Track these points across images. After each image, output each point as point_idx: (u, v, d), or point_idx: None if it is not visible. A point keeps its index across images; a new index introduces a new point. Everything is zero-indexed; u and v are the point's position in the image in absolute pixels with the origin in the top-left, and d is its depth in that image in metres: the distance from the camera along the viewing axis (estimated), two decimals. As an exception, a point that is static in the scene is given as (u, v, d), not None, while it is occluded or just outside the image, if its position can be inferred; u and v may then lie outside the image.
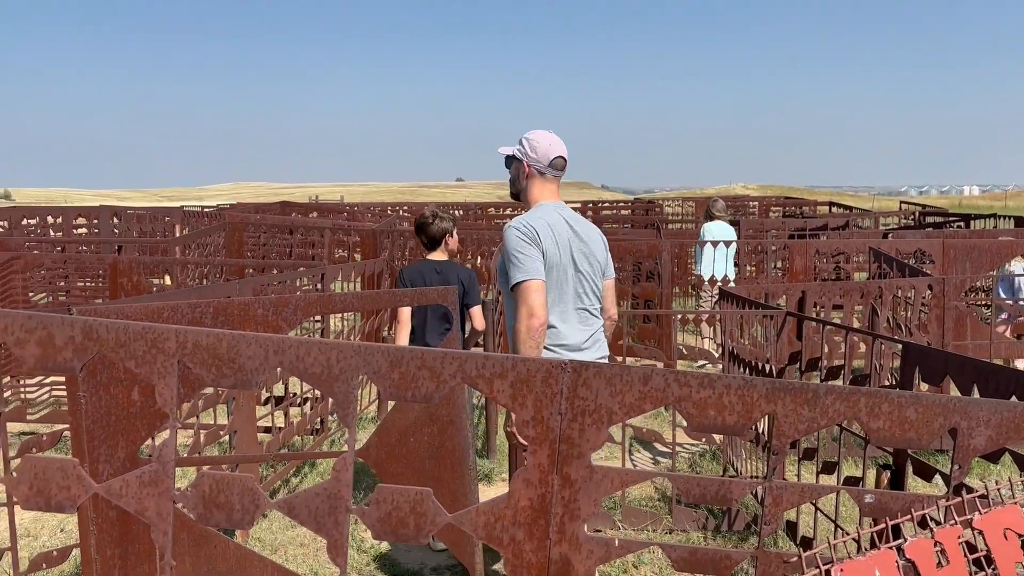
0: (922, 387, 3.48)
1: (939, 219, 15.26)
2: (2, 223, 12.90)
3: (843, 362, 4.24)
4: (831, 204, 20.94)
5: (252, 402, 4.19)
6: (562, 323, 3.36)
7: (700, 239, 9.04)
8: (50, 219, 13.52)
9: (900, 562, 1.61)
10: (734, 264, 9.06)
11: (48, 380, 6.21)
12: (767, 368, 4.75)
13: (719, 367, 6.30)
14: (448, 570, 4.12)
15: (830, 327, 4.56)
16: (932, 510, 1.77)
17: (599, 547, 1.84)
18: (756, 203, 23.72)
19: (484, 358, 1.82)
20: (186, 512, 2.55)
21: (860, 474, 3.61)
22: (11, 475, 1.85)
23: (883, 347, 4.70)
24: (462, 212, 22.90)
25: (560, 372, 1.80)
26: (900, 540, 1.63)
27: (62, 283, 7.11)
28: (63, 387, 6.15)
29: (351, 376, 1.81)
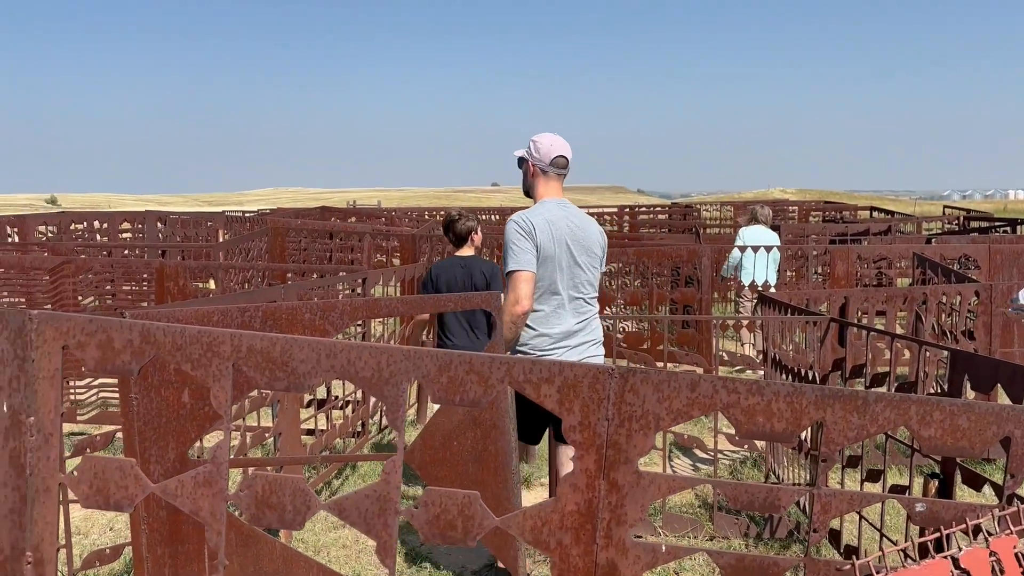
0: (970, 395, 3.43)
1: (984, 224, 14.99)
2: (51, 228, 13.19)
3: (887, 369, 4.19)
4: (872, 209, 20.65)
5: (297, 405, 4.25)
6: (554, 309, 3.72)
7: (738, 244, 8.95)
8: (97, 224, 13.80)
9: (954, 572, 1.59)
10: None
11: (96, 382, 6.33)
12: (810, 375, 4.71)
13: (759, 373, 6.25)
14: (488, 572, 4.14)
15: (874, 334, 4.51)
16: (985, 520, 1.75)
17: (646, 553, 1.85)
18: (795, 208, 23.47)
19: (532, 363, 1.84)
20: (235, 512, 2.60)
21: (905, 483, 3.57)
22: (70, 474, 1.90)
23: (929, 354, 4.64)
24: (498, 216, 22.91)
25: (607, 378, 1.81)
26: (954, 550, 1.62)
27: (108, 287, 7.24)
28: (111, 388, 6.27)
29: (401, 380, 1.83)
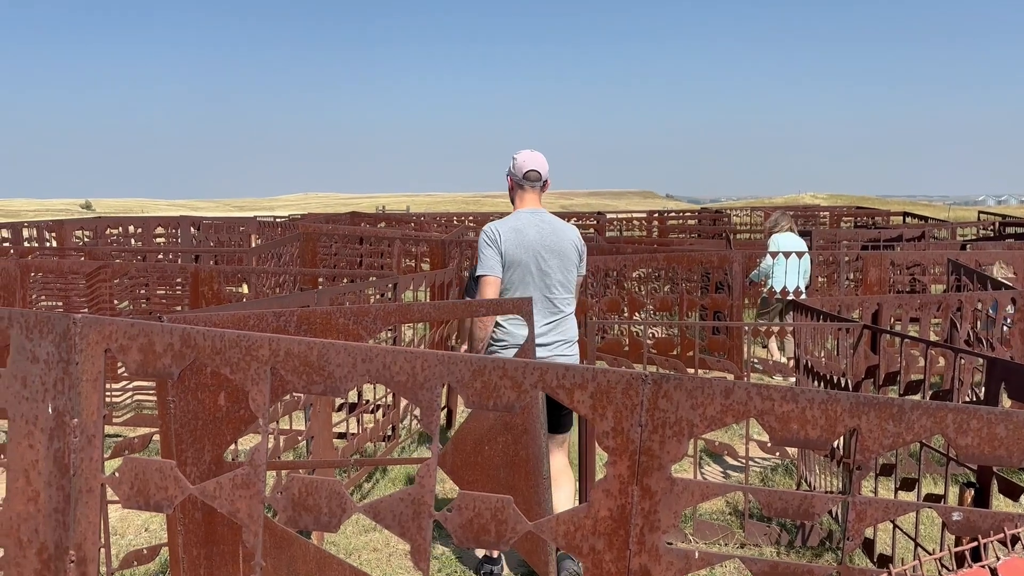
0: (1006, 403, 3.39)
1: (1020, 230, 14.78)
2: (88, 233, 13.41)
3: (920, 377, 4.15)
4: (905, 214, 20.43)
5: (329, 409, 4.29)
6: None
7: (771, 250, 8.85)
8: (132, 229, 14.01)
9: (992, 581, 1.58)
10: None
11: (131, 384, 6.43)
12: (843, 382, 4.67)
13: (790, 380, 6.21)
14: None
15: (907, 341, 4.47)
16: (1023, 529, 1.73)
17: (679, 559, 1.85)
18: (826, 213, 23.27)
19: (565, 368, 1.85)
20: (270, 514, 2.63)
21: (939, 491, 3.53)
22: (112, 475, 1.94)
23: (964, 362, 4.58)
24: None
25: (640, 384, 1.82)
26: (991, 559, 1.61)
27: (142, 291, 7.35)
28: (145, 391, 6.37)
29: (435, 384, 1.85)
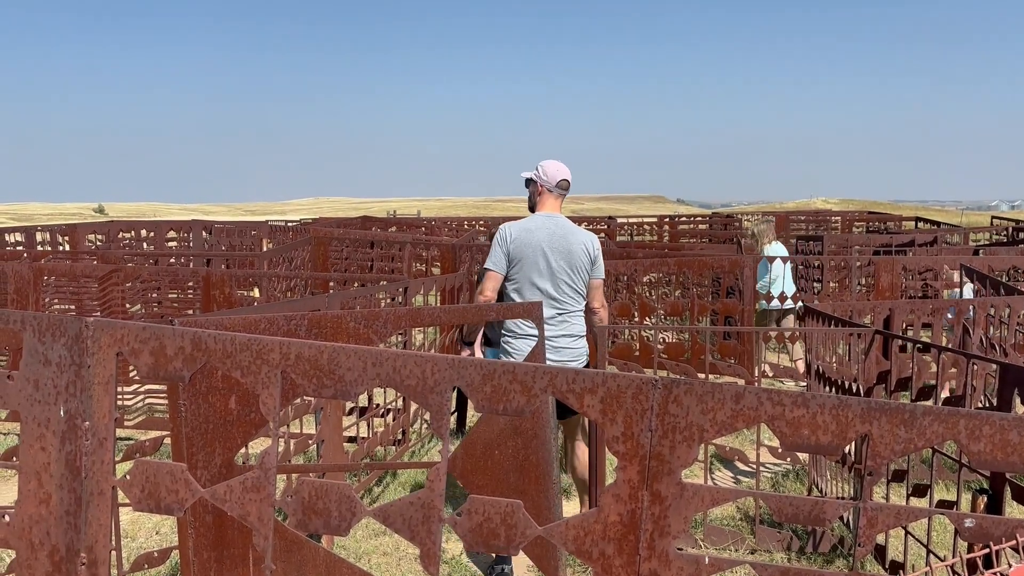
0: (1020, 410, 3.37)
1: (1034, 235, 14.69)
2: (100, 237, 13.48)
3: (932, 382, 4.13)
4: (917, 219, 20.32)
5: (339, 412, 4.30)
6: (530, 299, 4.29)
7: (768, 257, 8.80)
8: (144, 233, 14.08)
9: (1004, 588, 1.57)
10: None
11: (143, 388, 6.45)
12: (854, 387, 4.65)
13: (801, 385, 6.18)
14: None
15: (919, 346, 4.44)
16: (1036, 537, 1.72)
17: (689, 564, 1.84)
18: (838, 218, 23.17)
19: (575, 373, 1.84)
20: (279, 518, 2.64)
21: (952, 498, 3.51)
22: (123, 478, 1.95)
23: (976, 368, 4.55)
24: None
25: (651, 389, 1.81)
26: (1003, 567, 1.60)
27: (154, 294, 7.39)
28: (157, 395, 6.39)
29: (445, 388, 1.85)
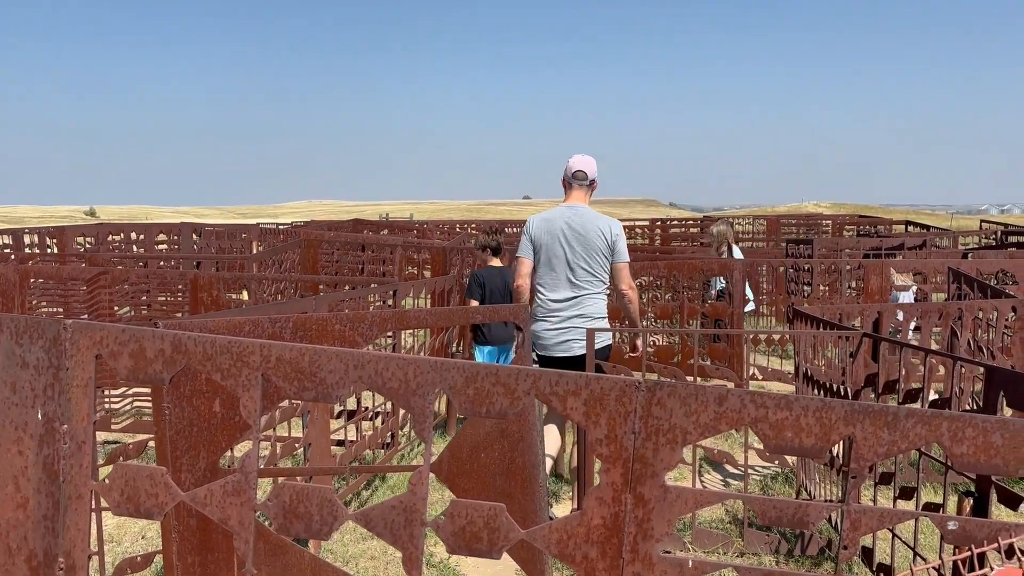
0: (1006, 412, 3.37)
1: (1022, 238, 14.76)
2: (89, 239, 13.42)
3: (920, 385, 4.13)
4: (907, 223, 20.40)
5: (326, 415, 4.28)
6: (549, 283, 4.87)
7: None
8: (133, 235, 14.02)
9: (986, 591, 1.57)
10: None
11: (131, 391, 6.42)
12: (842, 390, 4.66)
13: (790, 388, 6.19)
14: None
15: (907, 349, 4.45)
16: (1020, 539, 1.72)
17: (673, 568, 1.83)
18: (829, 221, 23.26)
19: (558, 375, 1.83)
20: (264, 522, 2.62)
21: (939, 500, 3.51)
22: (102, 482, 1.93)
23: (964, 370, 4.56)
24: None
25: (634, 391, 1.80)
26: (986, 569, 1.59)
27: (144, 297, 7.35)
28: (145, 398, 6.36)
29: (428, 391, 1.84)
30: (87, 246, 13.25)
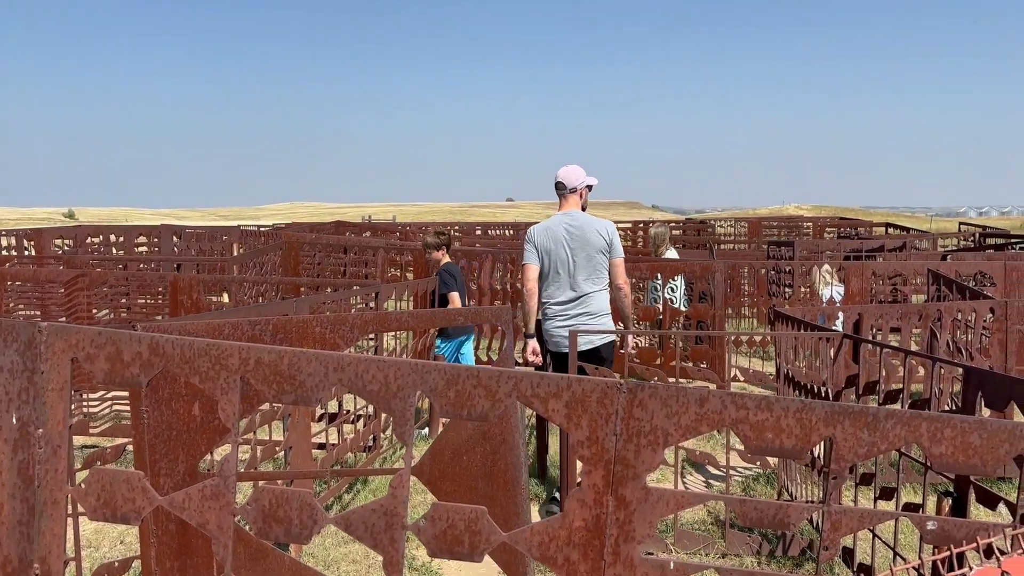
0: (984, 412, 3.40)
1: (1000, 241, 14.90)
2: (67, 241, 13.29)
3: (901, 386, 4.16)
4: (887, 225, 20.56)
5: (308, 419, 4.25)
6: (554, 286, 5.26)
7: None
8: (113, 237, 13.90)
9: (965, 591, 1.57)
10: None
11: (110, 395, 6.36)
12: (823, 391, 4.68)
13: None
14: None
15: (888, 350, 4.48)
16: (998, 539, 1.73)
17: (654, 569, 1.83)
18: (810, 224, 23.40)
19: (540, 377, 1.83)
20: (244, 526, 2.60)
21: (919, 501, 3.53)
22: (78, 487, 1.91)
23: (943, 371, 4.60)
24: (512, 231, 22.95)
25: (615, 393, 1.80)
26: (965, 569, 1.60)
27: (123, 300, 7.28)
28: (124, 402, 6.30)
29: (408, 393, 1.83)
30: (65, 248, 13.12)
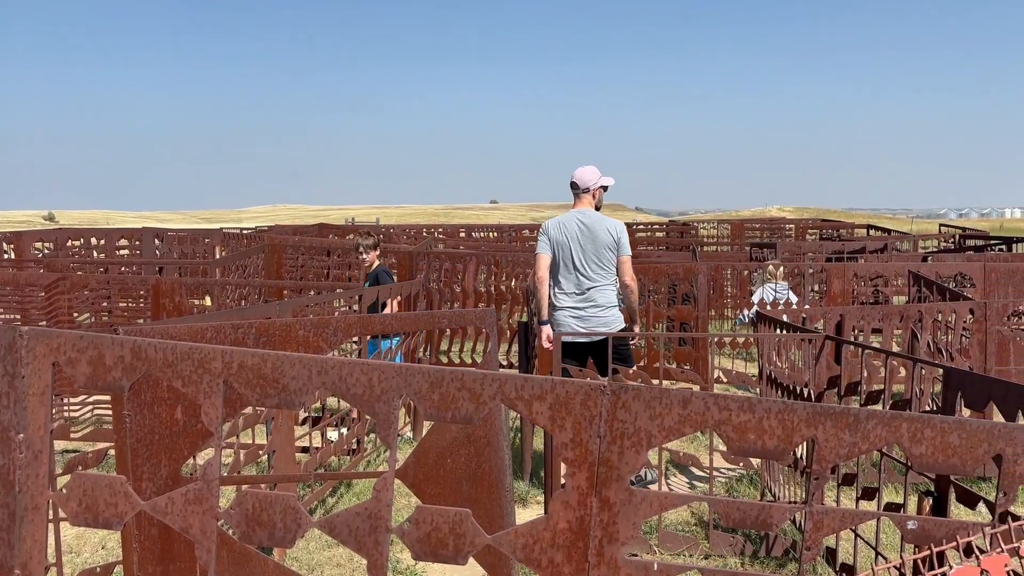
0: (964, 413, 3.43)
1: (980, 242, 15.04)
2: (48, 244, 13.18)
3: (882, 387, 4.19)
4: (869, 227, 20.71)
5: (291, 422, 4.24)
6: (564, 279, 5.59)
7: None
8: (94, 240, 13.80)
9: (945, 590, 1.59)
10: None
11: (91, 399, 6.31)
12: (806, 392, 4.71)
13: (752, 391, 6.24)
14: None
15: (869, 351, 4.51)
16: (977, 538, 1.74)
17: (638, 570, 1.84)
18: (792, 226, 23.53)
19: (524, 380, 1.83)
20: (227, 530, 2.59)
21: (901, 501, 3.56)
22: (59, 492, 1.90)
23: (924, 372, 4.63)
24: (496, 233, 22.96)
25: (599, 395, 1.81)
26: (944, 568, 1.62)
27: (105, 303, 7.23)
28: (105, 406, 6.25)
29: (392, 396, 1.83)
30: (45, 251, 13.02)
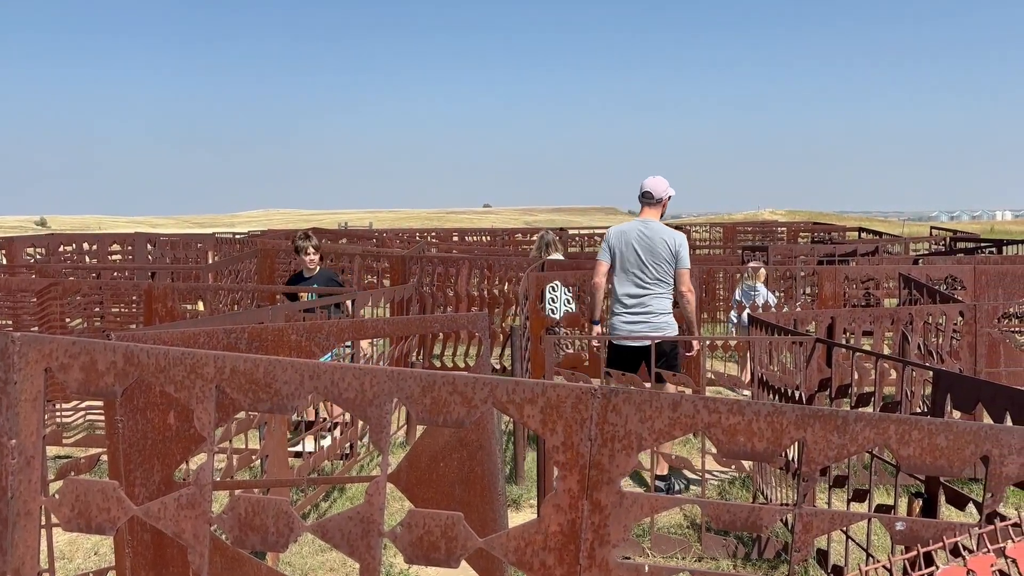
0: (954, 414, 3.45)
1: (970, 245, 15.10)
2: (40, 250, 13.14)
3: (873, 389, 4.22)
4: (860, 230, 20.78)
5: (284, 427, 4.24)
6: (620, 285, 5.79)
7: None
8: (86, 246, 13.76)
9: (932, 590, 1.60)
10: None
11: (83, 404, 6.30)
12: (797, 395, 4.73)
13: (743, 394, 6.26)
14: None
15: (860, 354, 4.54)
16: (964, 538, 1.76)
17: (630, 573, 1.85)
18: (784, 229, 23.60)
19: (515, 384, 1.84)
20: (220, 535, 2.59)
21: (891, 502, 3.57)
22: (51, 497, 1.90)
23: (914, 374, 4.66)
24: (489, 238, 22.96)
25: (590, 398, 1.82)
26: (932, 568, 1.63)
27: (97, 309, 7.21)
28: (97, 411, 6.24)
29: (384, 401, 1.84)
30: (37, 257, 12.97)
